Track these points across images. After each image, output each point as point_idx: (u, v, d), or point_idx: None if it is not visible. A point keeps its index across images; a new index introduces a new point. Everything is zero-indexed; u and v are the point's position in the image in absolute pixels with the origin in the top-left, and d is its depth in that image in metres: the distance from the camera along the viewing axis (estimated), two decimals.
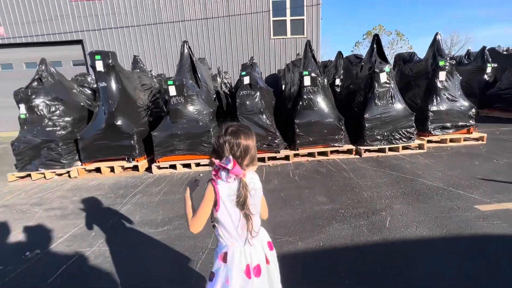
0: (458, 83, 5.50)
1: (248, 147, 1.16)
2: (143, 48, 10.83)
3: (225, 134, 1.15)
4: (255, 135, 1.24)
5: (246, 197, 1.14)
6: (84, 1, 10.42)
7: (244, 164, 1.16)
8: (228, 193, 1.14)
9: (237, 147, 1.14)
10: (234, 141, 1.14)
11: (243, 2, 10.65)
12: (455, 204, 2.86)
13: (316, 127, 4.84)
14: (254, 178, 1.22)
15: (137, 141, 4.77)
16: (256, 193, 1.21)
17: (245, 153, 1.15)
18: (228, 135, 1.14)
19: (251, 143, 1.17)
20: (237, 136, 1.14)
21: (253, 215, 1.20)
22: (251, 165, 1.20)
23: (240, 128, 1.18)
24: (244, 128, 1.19)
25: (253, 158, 1.19)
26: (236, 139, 1.14)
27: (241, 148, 1.14)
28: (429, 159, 4.45)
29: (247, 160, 1.17)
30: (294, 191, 3.50)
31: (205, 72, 6.02)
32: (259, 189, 1.24)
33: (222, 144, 1.13)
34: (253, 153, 1.19)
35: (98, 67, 4.67)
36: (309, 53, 5.28)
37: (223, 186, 1.14)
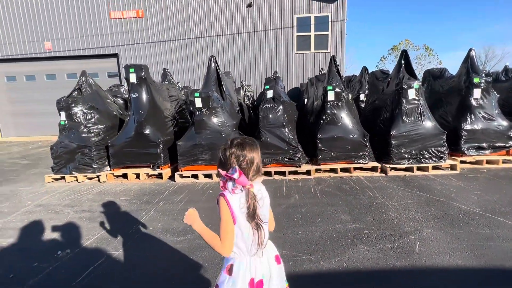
0: (495, 101, 5.18)
1: (253, 158, 1.18)
2: (171, 61, 11.44)
3: (231, 147, 1.17)
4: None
5: (255, 207, 1.15)
6: (122, 19, 11.31)
7: (250, 175, 1.18)
8: (239, 205, 1.15)
9: (242, 159, 1.16)
10: (240, 153, 1.16)
11: (268, 19, 10.97)
12: (495, 233, 2.62)
13: (339, 142, 4.75)
14: (261, 189, 1.24)
15: (162, 149, 4.96)
16: (264, 202, 1.22)
17: (251, 164, 1.18)
18: (233, 147, 1.17)
19: (256, 155, 1.20)
20: (242, 148, 1.17)
21: (264, 223, 1.21)
22: (257, 176, 1.22)
23: (245, 140, 1.20)
24: (249, 140, 1.22)
25: (258, 169, 1.22)
26: (242, 151, 1.17)
27: (247, 160, 1.17)
28: (463, 181, 4.16)
29: (252, 171, 1.19)
30: (315, 208, 3.41)
31: (230, 85, 6.20)
32: (266, 198, 1.25)
33: (228, 156, 1.16)
34: (259, 164, 1.22)
35: (132, 79, 4.99)
36: (333, 68, 5.26)
37: (233, 199, 1.15)
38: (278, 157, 4.77)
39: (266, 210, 1.25)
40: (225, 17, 11.08)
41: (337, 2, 10.62)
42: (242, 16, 11.04)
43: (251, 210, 1.15)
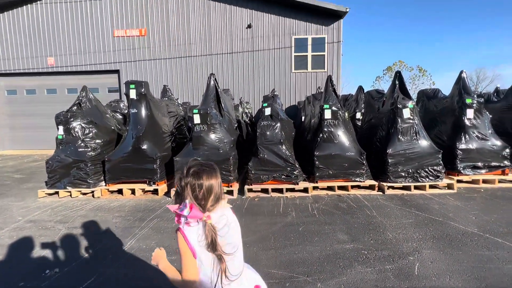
0: (488, 122, 5.29)
1: (211, 186, 1.11)
2: (172, 78, 11.66)
3: (187, 176, 1.11)
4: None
5: (214, 240, 1.08)
6: (125, 37, 11.66)
7: (208, 205, 1.11)
8: (197, 238, 1.08)
9: (199, 189, 1.09)
10: (196, 182, 1.09)
11: (267, 39, 11.37)
12: (494, 254, 2.58)
13: (336, 160, 4.77)
14: (226, 214, 1.16)
15: (159, 165, 4.93)
16: (230, 229, 1.14)
17: (209, 194, 1.11)
18: (189, 176, 1.10)
19: (214, 182, 1.12)
20: (198, 177, 1.10)
21: (229, 255, 1.11)
22: (217, 205, 1.14)
23: (202, 168, 1.13)
24: (207, 168, 1.14)
25: (218, 198, 1.14)
26: (198, 180, 1.09)
27: (204, 189, 1.10)
28: (460, 201, 4.15)
29: (211, 200, 1.12)
30: (313, 226, 3.36)
31: (229, 102, 6.30)
32: (233, 224, 1.17)
33: (184, 187, 1.10)
34: (218, 193, 1.14)
35: (132, 95, 5.06)
36: (330, 87, 5.39)
37: (190, 231, 1.08)
38: (276, 174, 4.75)
39: (233, 237, 1.15)
40: (225, 36, 11.47)
41: (333, 25, 11.08)
42: (241, 36, 11.43)
43: (209, 242, 1.07)
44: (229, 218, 1.17)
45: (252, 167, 4.78)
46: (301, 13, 11.11)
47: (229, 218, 1.17)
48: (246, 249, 2.77)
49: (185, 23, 11.48)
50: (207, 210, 1.11)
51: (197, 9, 11.46)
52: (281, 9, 11.19)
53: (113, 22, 11.53)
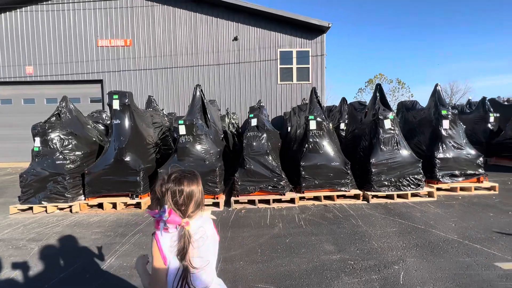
0: (462, 132, 5.58)
1: (192, 192, 1.11)
2: (157, 89, 11.54)
3: (168, 182, 1.10)
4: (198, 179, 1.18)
5: (186, 248, 1.05)
6: (109, 47, 11.50)
7: (189, 211, 1.10)
8: (170, 244, 1.07)
9: (179, 194, 1.08)
10: (177, 188, 1.09)
11: (253, 51, 11.58)
12: (474, 260, 2.66)
13: (322, 170, 4.83)
14: (205, 226, 1.14)
15: (143, 177, 4.79)
16: (205, 242, 1.12)
17: (189, 200, 1.10)
18: (170, 182, 1.10)
19: (195, 188, 1.12)
20: (179, 183, 1.10)
21: (196, 269, 1.08)
22: (198, 211, 1.13)
23: (183, 174, 1.13)
24: (188, 174, 1.14)
25: (198, 205, 1.13)
26: (179, 186, 1.09)
27: (184, 195, 1.09)
28: (440, 208, 4.29)
29: (192, 207, 1.11)
30: (300, 238, 3.34)
31: (215, 113, 6.29)
32: (211, 237, 1.15)
33: (164, 192, 1.08)
34: (198, 198, 1.13)
35: (115, 106, 4.94)
36: (314, 99, 5.53)
37: (164, 238, 1.07)
38: (262, 185, 4.73)
39: (206, 252, 1.13)
40: (212, 48, 11.58)
41: (317, 39, 11.49)
42: (228, 48, 11.59)
43: (180, 249, 1.05)
44: (207, 231, 1.15)
45: (238, 178, 4.73)
46: (286, 27, 11.47)
47: (207, 232, 1.15)
48: (232, 263, 2.70)
49: (172, 34, 11.51)
50: (187, 217, 1.10)
51: (183, 20, 11.55)
52: (267, 23, 11.50)
53: (97, 31, 11.37)
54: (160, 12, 11.50)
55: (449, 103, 5.91)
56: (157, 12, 11.51)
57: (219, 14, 11.53)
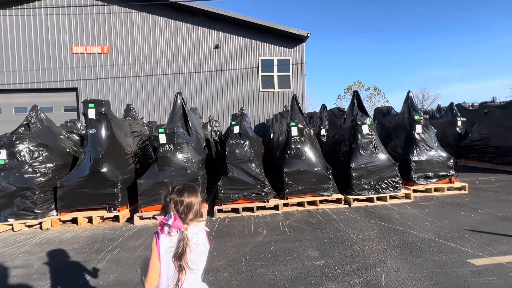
0: (433, 135, 5.91)
1: (191, 203, 1.30)
2: (137, 97, 11.24)
3: (171, 193, 1.29)
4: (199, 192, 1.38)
5: (184, 250, 1.22)
6: (85, 54, 11.09)
7: (188, 219, 1.28)
8: (168, 245, 1.24)
9: (180, 204, 1.27)
10: (178, 198, 1.28)
11: (235, 59, 11.67)
12: (449, 258, 2.79)
13: (304, 175, 4.88)
14: (199, 234, 1.31)
15: (121, 189, 4.58)
16: (198, 248, 1.28)
17: (188, 209, 1.29)
18: (173, 193, 1.29)
19: (194, 199, 1.31)
20: (181, 194, 1.29)
21: (189, 270, 1.25)
22: (195, 220, 1.32)
23: (184, 187, 1.33)
24: (189, 187, 1.34)
25: (196, 213, 1.32)
26: (180, 197, 1.28)
27: (184, 205, 1.28)
28: (417, 209, 4.48)
29: (191, 215, 1.29)
30: (284, 245, 3.33)
31: (197, 121, 6.22)
32: (202, 245, 1.31)
33: (168, 202, 1.28)
34: (197, 209, 1.32)
35: (90, 115, 4.74)
36: (295, 106, 5.63)
37: (164, 239, 1.24)
38: (246, 193, 4.70)
39: (197, 257, 1.29)
40: (193, 56, 11.53)
41: (296, 48, 11.81)
42: (209, 56, 11.59)
43: (179, 251, 1.22)
44: (200, 239, 1.31)
45: (221, 186, 4.67)
46: (267, 36, 11.69)
47: (200, 239, 1.30)
48: (216, 275, 2.63)
49: (151, 42, 11.34)
50: (185, 223, 1.27)
51: (163, 28, 11.43)
52: (248, 32, 11.67)
53: (71, 38, 10.95)
54: (139, 19, 11.32)
55: (420, 109, 6.25)
56: (135, 19, 11.31)
57: (200, 22, 11.55)
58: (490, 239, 3.19)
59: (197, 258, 1.28)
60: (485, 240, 3.18)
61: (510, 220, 3.76)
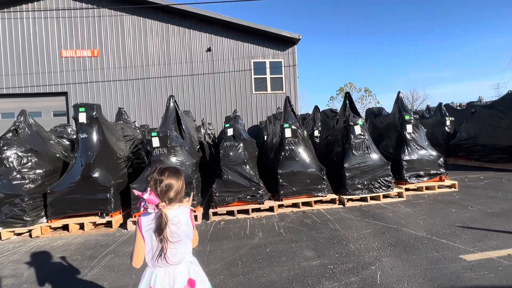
0: (424, 135, 6.03)
1: (170, 184, 1.35)
2: (128, 100, 11.11)
3: (153, 172, 1.36)
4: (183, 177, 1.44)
5: (162, 226, 1.27)
6: (75, 57, 10.92)
7: (166, 197, 1.33)
8: (148, 222, 1.31)
9: (159, 183, 1.33)
10: (158, 177, 1.34)
11: (227, 62, 11.68)
12: (441, 255, 2.84)
13: (299, 177, 4.91)
14: (180, 215, 1.36)
15: (113, 194, 4.51)
16: (179, 229, 1.33)
17: (167, 189, 1.34)
18: (155, 173, 1.36)
19: (173, 181, 1.36)
20: (161, 174, 1.35)
21: (170, 242, 1.31)
22: (177, 200, 1.37)
23: (167, 168, 1.40)
24: (172, 168, 1.41)
25: (176, 194, 1.37)
26: (160, 176, 1.34)
27: (163, 184, 1.33)
28: (409, 208, 4.55)
29: (170, 194, 1.35)
30: (280, 246, 3.33)
31: (190, 124, 6.19)
32: (184, 225, 1.35)
33: (149, 181, 1.34)
34: (178, 189, 1.37)
35: (81, 119, 4.66)
36: (288, 108, 5.67)
37: (145, 219, 1.32)
38: (241, 195, 4.69)
39: (181, 233, 1.33)
40: (185, 59, 11.49)
41: (288, 50, 11.91)
42: (202, 58, 11.57)
43: (158, 227, 1.27)
44: (182, 220, 1.35)
45: (216, 189, 4.65)
46: (259, 38, 11.76)
47: (181, 220, 1.35)
48: (212, 279, 2.61)
49: (142, 45, 11.25)
50: (163, 201, 1.31)
51: (155, 31, 11.37)
52: (240, 35, 11.71)
53: (60, 41, 10.77)
54: (130, 23, 11.24)
55: (410, 109, 6.38)
56: (126, 22, 11.22)
57: (192, 25, 11.54)
58: (481, 235, 3.26)
59: (178, 235, 1.33)
60: (476, 236, 3.25)
61: (499, 216, 3.86)
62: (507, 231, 3.32)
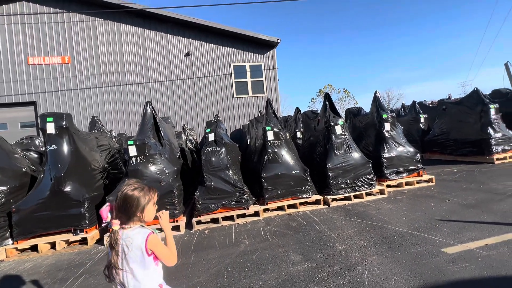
0: (401, 132, 6.23)
1: (129, 200, 1.22)
2: (104, 108, 10.63)
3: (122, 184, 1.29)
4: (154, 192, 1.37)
5: (112, 244, 1.20)
6: (43, 65, 10.30)
7: (123, 214, 1.22)
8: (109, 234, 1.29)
9: (119, 196, 1.23)
10: (120, 192, 1.25)
11: (207, 66, 11.54)
12: (425, 250, 2.89)
13: (283, 179, 4.87)
14: (134, 237, 1.22)
15: (88, 208, 4.22)
16: (131, 250, 1.20)
17: (124, 204, 1.22)
18: (123, 185, 1.29)
19: (134, 198, 1.23)
20: (124, 188, 1.25)
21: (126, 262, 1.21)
22: (134, 220, 1.24)
23: (132, 183, 1.30)
24: (138, 184, 1.30)
25: (135, 212, 1.23)
26: (122, 191, 1.25)
27: (120, 200, 1.22)
28: (391, 204, 4.64)
29: (127, 211, 1.22)
30: (266, 252, 3.25)
31: (169, 130, 5.98)
32: (136, 248, 1.21)
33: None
34: (137, 207, 1.23)
35: (49, 130, 4.34)
36: (270, 110, 5.64)
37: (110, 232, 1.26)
38: (225, 201, 4.56)
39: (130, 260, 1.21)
40: (163, 64, 11.21)
41: (267, 54, 11.98)
42: (180, 63, 11.35)
43: (109, 243, 1.21)
44: (134, 242, 1.23)
45: (199, 196, 4.49)
46: (238, 42, 11.74)
47: (134, 242, 1.23)
48: None
49: (117, 50, 10.85)
50: (116, 217, 1.22)
51: (130, 36, 11.01)
52: (219, 39, 11.63)
53: (26, 48, 10.12)
54: (103, 28, 10.81)
55: (387, 108, 6.59)
56: (99, 28, 10.78)
57: (169, 30, 11.30)
58: (459, 227, 3.37)
59: (128, 261, 1.21)
60: (455, 228, 3.36)
61: (474, 207, 4.03)
62: (483, 222, 3.46)
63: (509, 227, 3.19)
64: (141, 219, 1.27)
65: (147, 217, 1.30)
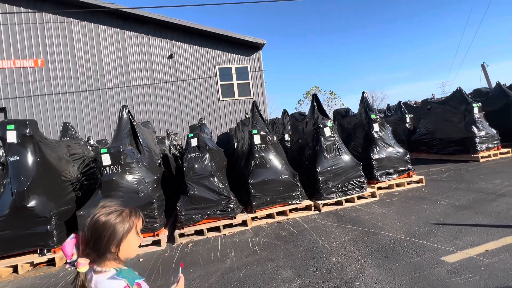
0: (390, 133, 6.14)
1: (99, 227, 0.90)
2: (81, 114, 10.04)
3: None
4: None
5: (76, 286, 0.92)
6: (14, 68, 9.61)
7: (90, 250, 0.90)
8: None
9: (88, 225, 0.91)
10: (90, 216, 0.93)
11: (191, 69, 11.18)
12: (424, 259, 2.70)
13: (271, 185, 4.61)
14: (104, 285, 0.90)
15: (56, 225, 3.79)
16: None
17: (93, 235, 0.90)
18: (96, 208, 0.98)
19: (106, 228, 0.90)
20: (95, 213, 0.94)
21: None
22: (110, 258, 0.92)
23: (107, 205, 0.97)
24: (115, 205, 0.98)
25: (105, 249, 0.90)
26: (92, 214, 0.93)
27: (89, 226, 0.91)
28: (384, 207, 4.48)
29: (97, 245, 0.90)
30: (255, 267, 2.96)
31: (149, 136, 5.60)
32: None
33: None
34: (110, 240, 0.90)
35: (10, 139, 3.89)
36: (256, 113, 5.40)
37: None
38: (210, 211, 4.25)
39: None
40: (145, 67, 10.76)
41: (253, 55, 11.78)
42: (163, 66, 10.94)
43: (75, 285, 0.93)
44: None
45: (181, 207, 4.16)
46: (223, 44, 11.47)
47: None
48: None
49: (95, 53, 10.30)
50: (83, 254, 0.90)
51: (109, 38, 10.50)
52: (203, 40, 11.32)
53: None
54: (79, 29, 10.25)
55: (375, 108, 6.50)
56: (75, 29, 10.21)
57: (150, 31, 10.88)
58: (455, 231, 3.22)
59: None
60: (451, 232, 3.21)
61: (467, 209, 3.92)
62: (479, 224, 3.33)
63: (507, 230, 3.07)
64: (116, 257, 0.94)
65: (127, 253, 0.96)
